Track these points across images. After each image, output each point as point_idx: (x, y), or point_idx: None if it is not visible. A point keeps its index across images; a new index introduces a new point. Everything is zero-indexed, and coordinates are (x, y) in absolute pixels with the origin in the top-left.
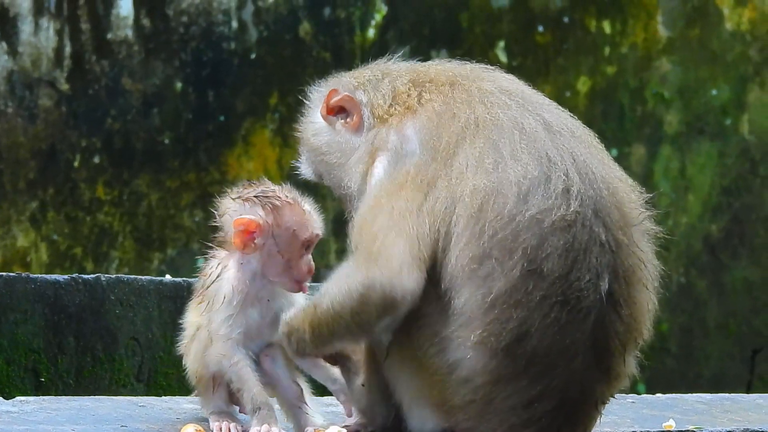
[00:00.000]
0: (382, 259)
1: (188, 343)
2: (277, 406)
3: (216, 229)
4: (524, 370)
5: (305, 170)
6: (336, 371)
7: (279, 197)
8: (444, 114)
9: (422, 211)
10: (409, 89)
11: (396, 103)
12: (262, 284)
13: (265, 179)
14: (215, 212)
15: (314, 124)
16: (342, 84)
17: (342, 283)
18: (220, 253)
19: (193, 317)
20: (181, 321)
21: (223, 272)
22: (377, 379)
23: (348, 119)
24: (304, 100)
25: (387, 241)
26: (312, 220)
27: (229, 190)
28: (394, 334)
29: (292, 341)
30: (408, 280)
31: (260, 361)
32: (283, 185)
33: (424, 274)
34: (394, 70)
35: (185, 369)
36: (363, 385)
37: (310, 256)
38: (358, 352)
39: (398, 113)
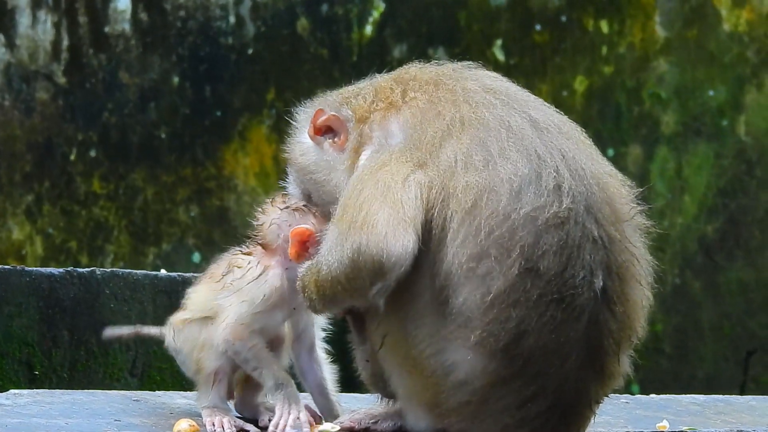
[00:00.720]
0: (367, 227)
1: (188, 323)
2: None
3: (254, 229)
4: (520, 370)
5: (293, 190)
6: (338, 407)
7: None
8: (428, 111)
9: (408, 181)
10: (391, 86)
11: (378, 100)
12: (297, 292)
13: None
14: (256, 216)
15: (302, 144)
16: (328, 103)
17: (335, 251)
18: (257, 252)
19: (203, 299)
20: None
21: (265, 272)
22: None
23: (336, 139)
24: (291, 121)
25: (372, 209)
26: None
27: (272, 199)
28: (390, 329)
29: (305, 297)
30: (394, 245)
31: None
32: None
33: (413, 235)
34: (378, 77)
35: (166, 342)
36: (367, 361)
37: None
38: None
39: (380, 109)
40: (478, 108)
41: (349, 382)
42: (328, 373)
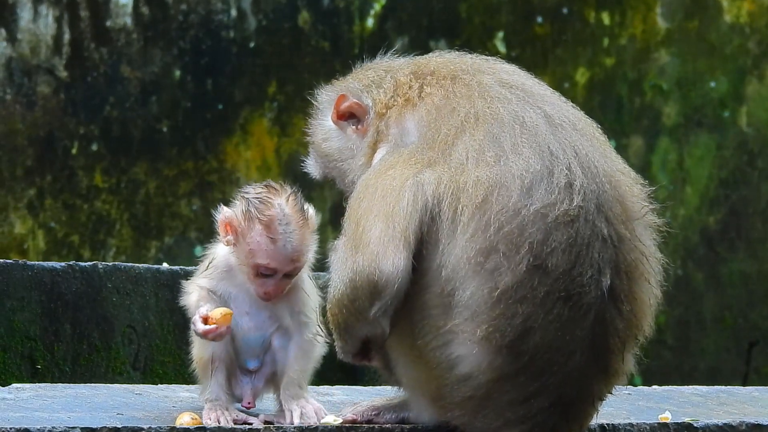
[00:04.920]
0: (362, 245)
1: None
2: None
3: None
4: (525, 366)
5: (313, 170)
6: (305, 407)
7: (264, 212)
8: (443, 108)
9: (405, 186)
10: (410, 81)
11: (396, 95)
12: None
13: (286, 186)
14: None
15: (324, 128)
16: (350, 89)
17: (340, 272)
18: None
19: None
20: (177, 309)
21: (218, 244)
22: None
23: (359, 125)
24: (314, 103)
25: (366, 225)
26: (274, 251)
27: (252, 182)
28: (397, 320)
29: (337, 346)
30: (385, 264)
31: (271, 338)
32: (296, 201)
33: (404, 252)
34: (396, 66)
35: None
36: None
37: (268, 282)
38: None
39: (398, 105)
40: (492, 103)
41: (351, 375)
42: (297, 362)
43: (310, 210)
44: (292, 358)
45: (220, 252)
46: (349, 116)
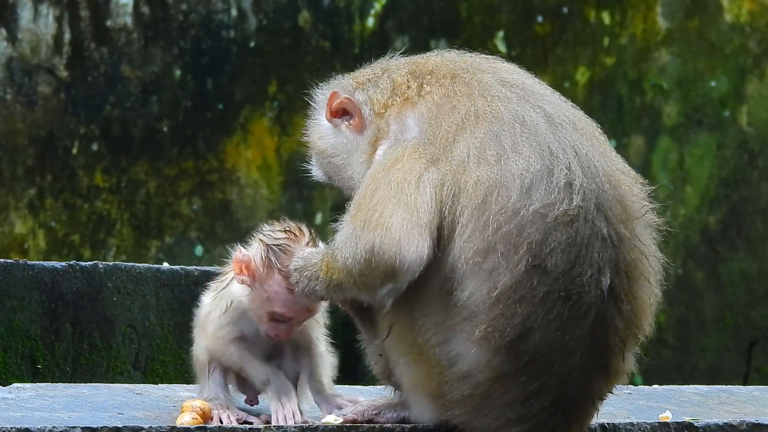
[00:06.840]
0: (381, 228)
1: (198, 327)
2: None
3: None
4: (525, 366)
5: (316, 172)
6: (342, 401)
7: (284, 262)
8: (444, 105)
9: (421, 181)
10: (407, 80)
11: (395, 95)
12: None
13: (304, 229)
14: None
15: (320, 127)
16: (342, 86)
17: (349, 245)
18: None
19: (207, 299)
20: (177, 309)
21: (231, 282)
22: None
23: (352, 121)
24: (310, 103)
25: (386, 211)
26: (291, 301)
27: (273, 221)
28: (397, 317)
29: (303, 277)
30: (408, 250)
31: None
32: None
33: (428, 240)
34: (393, 65)
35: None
36: (380, 355)
37: (280, 326)
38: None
39: (397, 104)
40: (493, 101)
41: (352, 374)
42: (323, 368)
43: None
44: (316, 370)
45: (236, 293)
46: (342, 113)
